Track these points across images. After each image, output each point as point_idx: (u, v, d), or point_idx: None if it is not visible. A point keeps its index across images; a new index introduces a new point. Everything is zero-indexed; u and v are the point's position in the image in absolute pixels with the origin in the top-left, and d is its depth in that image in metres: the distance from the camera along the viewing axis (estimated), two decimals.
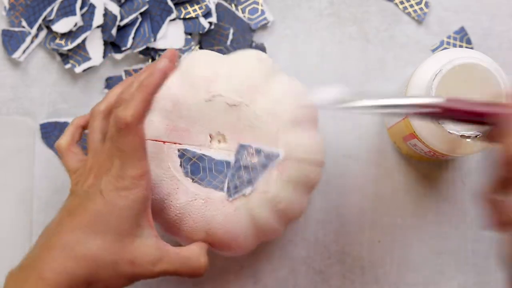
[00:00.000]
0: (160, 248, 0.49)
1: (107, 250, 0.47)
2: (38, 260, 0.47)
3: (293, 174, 0.52)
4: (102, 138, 0.52)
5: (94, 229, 0.47)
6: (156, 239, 0.49)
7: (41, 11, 0.64)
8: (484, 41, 0.65)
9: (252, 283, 0.63)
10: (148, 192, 0.48)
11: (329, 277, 0.63)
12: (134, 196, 0.47)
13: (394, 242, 0.63)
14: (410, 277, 0.63)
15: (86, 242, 0.46)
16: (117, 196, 0.47)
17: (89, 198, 0.48)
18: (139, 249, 0.48)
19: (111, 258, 0.47)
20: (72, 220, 0.47)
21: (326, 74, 0.65)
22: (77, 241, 0.47)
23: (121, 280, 0.48)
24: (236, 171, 0.52)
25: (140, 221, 0.48)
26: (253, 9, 0.65)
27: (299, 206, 0.54)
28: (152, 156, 0.52)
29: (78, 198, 0.49)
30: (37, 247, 0.48)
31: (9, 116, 0.65)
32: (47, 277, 0.45)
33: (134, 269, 0.48)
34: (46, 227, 0.49)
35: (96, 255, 0.46)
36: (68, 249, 0.46)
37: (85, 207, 0.47)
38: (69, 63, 0.64)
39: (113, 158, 0.48)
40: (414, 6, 0.65)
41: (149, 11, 0.65)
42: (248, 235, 0.53)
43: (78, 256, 0.46)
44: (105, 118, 0.53)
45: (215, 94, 0.52)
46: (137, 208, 0.47)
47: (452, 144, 0.55)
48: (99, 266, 0.46)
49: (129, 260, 0.47)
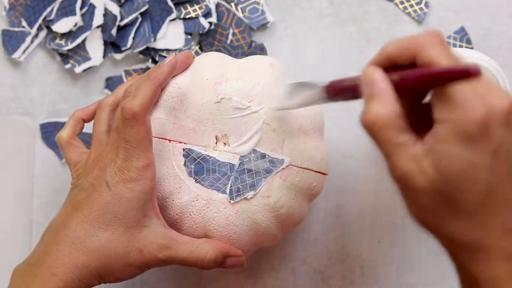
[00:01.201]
0: (168, 237, 0.49)
1: (117, 241, 0.47)
2: (47, 255, 0.46)
3: (296, 181, 0.52)
4: (107, 130, 0.52)
5: (103, 222, 0.47)
6: (164, 228, 0.49)
7: (41, 11, 0.64)
8: (484, 41, 0.65)
9: (252, 283, 0.63)
10: (154, 183, 0.48)
11: (329, 277, 0.63)
12: (141, 187, 0.47)
13: (394, 242, 0.63)
14: (410, 277, 0.63)
15: (96, 235, 0.46)
16: (123, 188, 0.47)
17: (95, 190, 0.48)
18: (147, 238, 0.48)
19: (121, 249, 0.47)
20: (79, 214, 0.47)
21: (326, 74, 0.65)
22: (86, 235, 0.47)
23: (131, 269, 0.48)
24: (239, 174, 0.52)
25: (147, 211, 0.48)
26: (253, 9, 0.65)
27: (299, 213, 0.54)
28: (157, 153, 0.52)
29: (83, 192, 0.49)
30: (44, 242, 0.48)
31: (9, 116, 0.65)
32: (57, 272, 0.45)
33: (143, 257, 0.48)
34: (51, 223, 0.49)
35: (107, 247, 0.46)
36: (78, 243, 0.46)
37: (92, 199, 0.47)
38: (69, 63, 0.64)
39: (118, 149, 0.48)
40: (414, 6, 0.65)
41: (149, 11, 0.65)
42: (247, 239, 0.53)
43: (89, 250, 0.46)
44: (112, 111, 0.53)
45: (224, 97, 0.52)
46: (144, 198, 0.48)
47: None
48: (110, 258, 0.47)
49: (138, 249, 0.48)
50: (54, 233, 0.48)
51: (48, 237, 0.48)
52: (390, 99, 0.40)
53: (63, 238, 0.47)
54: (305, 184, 0.53)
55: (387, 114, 0.40)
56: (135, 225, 0.47)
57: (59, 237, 0.47)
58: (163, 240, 0.48)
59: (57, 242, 0.47)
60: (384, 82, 0.41)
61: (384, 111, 0.40)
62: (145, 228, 0.48)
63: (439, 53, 0.39)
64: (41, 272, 0.46)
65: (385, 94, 0.40)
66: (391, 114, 0.40)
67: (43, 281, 0.45)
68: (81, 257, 0.46)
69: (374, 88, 0.41)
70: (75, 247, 0.46)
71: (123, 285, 0.64)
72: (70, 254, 0.46)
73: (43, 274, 0.45)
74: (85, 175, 0.49)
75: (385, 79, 0.41)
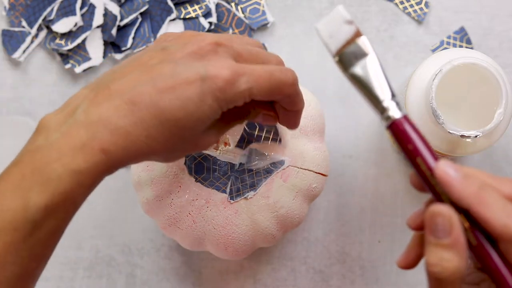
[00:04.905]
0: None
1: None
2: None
3: (296, 182, 0.52)
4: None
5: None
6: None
7: (41, 11, 0.64)
8: (484, 41, 0.65)
9: (252, 283, 0.63)
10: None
11: (329, 277, 0.63)
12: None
13: (394, 242, 0.63)
14: (410, 277, 0.63)
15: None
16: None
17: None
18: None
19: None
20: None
21: (326, 74, 0.65)
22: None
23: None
24: (239, 174, 0.52)
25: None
26: (254, 9, 0.65)
27: (298, 214, 0.54)
28: None
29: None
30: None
31: (9, 116, 0.65)
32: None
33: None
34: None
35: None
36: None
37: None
38: (69, 63, 0.64)
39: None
40: (414, 6, 0.65)
41: (149, 11, 0.65)
42: (246, 239, 0.53)
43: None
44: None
45: None
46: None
47: (452, 144, 0.55)
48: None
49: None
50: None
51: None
52: (466, 253, 0.36)
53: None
54: (305, 185, 0.53)
55: (463, 268, 0.36)
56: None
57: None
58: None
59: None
60: (461, 233, 0.36)
61: (463, 265, 0.36)
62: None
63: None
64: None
65: (463, 247, 0.36)
66: (465, 270, 0.36)
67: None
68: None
69: (453, 235, 0.36)
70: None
71: (123, 285, 0.64)
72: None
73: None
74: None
75: (462, 230, 0.36)
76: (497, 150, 0.64)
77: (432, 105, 0.51)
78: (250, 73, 0.40)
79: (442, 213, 0.36)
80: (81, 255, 0.64)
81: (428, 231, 0.37)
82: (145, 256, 0.64)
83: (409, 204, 0.63)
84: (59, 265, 0.64)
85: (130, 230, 0.64)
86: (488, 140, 0.54)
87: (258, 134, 0.52)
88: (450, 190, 0.36)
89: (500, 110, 0.51)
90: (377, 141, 0.64)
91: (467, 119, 0.53)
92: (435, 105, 0.51)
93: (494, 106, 0.51)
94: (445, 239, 0.36)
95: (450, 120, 0.52)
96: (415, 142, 0.38)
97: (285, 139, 0.52)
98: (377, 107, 0.39)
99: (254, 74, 0.40)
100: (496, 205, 0.35)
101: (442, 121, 0.51)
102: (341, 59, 0.41)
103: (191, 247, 0.55)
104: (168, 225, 0.53)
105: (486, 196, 0.36)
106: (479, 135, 0.51)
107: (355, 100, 0.64)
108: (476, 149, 0.55)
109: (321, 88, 0.65)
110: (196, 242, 0.54)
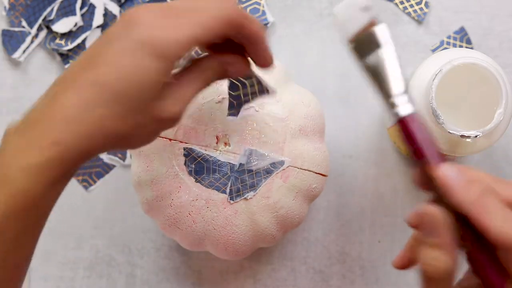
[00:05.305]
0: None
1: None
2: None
3: (296, 183, 0.52)
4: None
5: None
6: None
7: (41, 11, 0.64)
8: (484, 41, 0.65)
9: (252, 283, 0.63)
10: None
11: (329, 277, 0.63)
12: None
13: (394, 242, 0.63)
14: (410, 277, 0.63)
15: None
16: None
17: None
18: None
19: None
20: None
21: (326, 74, 0.65)
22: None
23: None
24: (239, 174, 0.52)
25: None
26: (254, 9, 0.65)
27: (298, 214, 0.54)
28: (157, 152, 0.52)
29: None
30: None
31: (9, 116, 0.65)
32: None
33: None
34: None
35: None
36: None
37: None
38: (69, 63, 0.64)
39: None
40: (414, 6, 0.65)
41: None
42: (246, 239, 0.53)
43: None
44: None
45: (225, 97, 0.52)
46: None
47: (452, 144, 0.55)
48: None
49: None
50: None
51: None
52: (455, 253, 0.36)
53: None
54: (305, 185, 0.53)
55: (452, 268, 0.36)
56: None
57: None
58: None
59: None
60: (449, 234, 0.36)
61: (452, 265, 0.36)
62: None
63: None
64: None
65: (451, 247, 0.36)
66: (455, 270, 0.37)
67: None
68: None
69: (441, 236, 0.36)
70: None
71: (123, 285, 0.64)
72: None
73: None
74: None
75: (450, 231, 0.36)
76: (497, 150, 0.63)
77: (432, 105, 0.51)
78: (187, 21, 0.38)
79: (431, 213, 0.36)
80: (81, 255, 0.64)
81: (420, 230, 0.37)
82: (145, 256, 0.64)
83: (409, 204, 0.63)
84: (59, 265, 0.64)
85: (130, 230, 0.64)
86: (488, 140, 0.54)
87: (243, 93, 0.50)
88: (450, 195, 0.36)
89: (500, 110, 0.51)
90: (377, 141, 0.64)
91: (467, 119, 0.53)
92: (435, 105, 0.51)
93: (494, 106, 0.51)
94: (434, 238, 0.36)
95: (450, 120, 0.52)
96: (419, 143, 0.37)
97: (272, 85, 0.50)
98: (387, 101, 0.38)
99: (193, 19, 0.38)
100: (496, 213, 0.35)
101: (442, 121, 0.51)
102: (356, 47, 0.39)
103: (191, 247, 0.55)
104: (168, 225, 0.53)
105: (486, 203, 0.35)
106: (479, 135, 0.51)
107: (355, 100, 0.64)
108: (476, 149, 0.55)
109: (321, 88, 0.65)
110: (196, 242, 0.54)
